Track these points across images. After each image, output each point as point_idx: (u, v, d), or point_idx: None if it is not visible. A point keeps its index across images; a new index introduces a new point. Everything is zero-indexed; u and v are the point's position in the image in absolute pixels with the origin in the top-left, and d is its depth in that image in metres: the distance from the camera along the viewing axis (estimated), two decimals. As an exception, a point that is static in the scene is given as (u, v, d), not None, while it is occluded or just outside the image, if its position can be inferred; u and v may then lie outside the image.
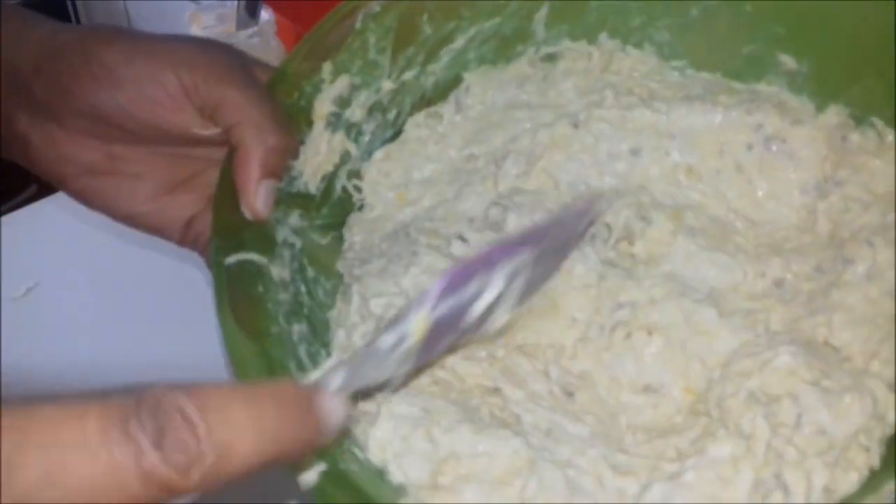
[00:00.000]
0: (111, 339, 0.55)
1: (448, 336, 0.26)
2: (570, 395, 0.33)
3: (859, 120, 0.35)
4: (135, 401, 0.17)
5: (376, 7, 0.38)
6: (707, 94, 0.38)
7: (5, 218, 0.65)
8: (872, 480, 0.28)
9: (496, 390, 0.33)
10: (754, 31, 0.38)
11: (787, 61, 0.37)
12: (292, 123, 0.36)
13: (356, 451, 0.30)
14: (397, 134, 0.41)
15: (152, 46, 0.34)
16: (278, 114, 0.35)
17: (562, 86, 0.40)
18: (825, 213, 0.35)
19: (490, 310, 0.26)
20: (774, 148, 0.37)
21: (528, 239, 0.27)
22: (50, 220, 0.64)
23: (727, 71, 0.39)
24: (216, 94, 0.34)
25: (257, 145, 0.34)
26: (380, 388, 0.27)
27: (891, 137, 0.34)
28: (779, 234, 0.36)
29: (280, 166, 0.35)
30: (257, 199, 0.34)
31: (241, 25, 0.61)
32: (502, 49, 0.41)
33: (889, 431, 0.29)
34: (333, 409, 0.21)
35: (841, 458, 0.28)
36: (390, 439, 0.31)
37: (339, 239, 0.40)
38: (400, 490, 0.29)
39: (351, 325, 0.35)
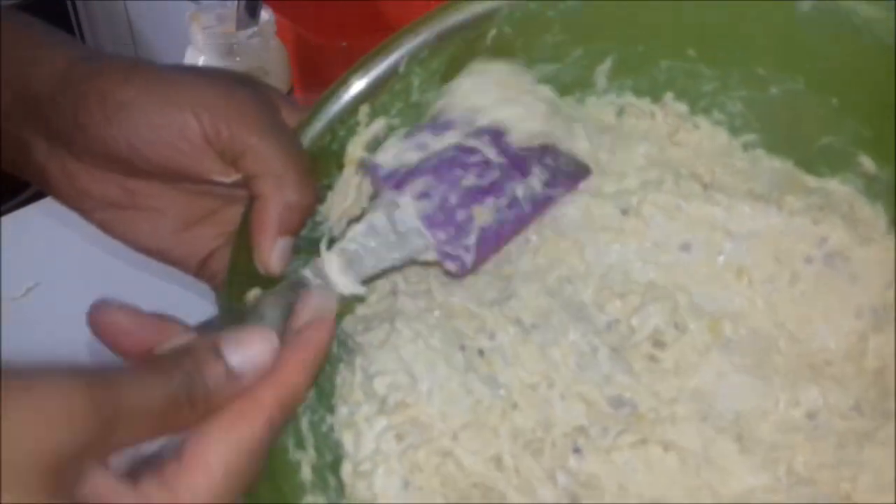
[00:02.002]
0: None
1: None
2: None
3: (934, 251, 0.33)
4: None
5: (424, 52, 0.35)
6: (774, 190, 0.36)
7: (5, 218, 0.66)
8: None
9: (499, 495, 0.32)
10: (837, 124, 0.35)
11: (868, 164, 0.35)
12: (318, 173, 0.35)
13: None
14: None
15: (173, 85, 0.33)
16: (302, 167, 0.33)
17: (633, 149, 0.37)
18: (876, 348, 0.33)
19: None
20: (836, 265, 0.34)
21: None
22: (50, 220, 0.65)
23: (801, 159, 0.37)
24: (239, 142, 0.33)
25: (277, 201, 0.33)
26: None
27: (966, 283, 0.31)
28: (821, 356, 0.34)
29: (299, 224, 0.34)
30: (271, 256, 0.33)
31: (241, 25, 0.60)
32: (561, 94, 0.39)
33: None
34: (251, 350, 0.26)
35: None
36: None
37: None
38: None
39: (354, 403, 0.34)
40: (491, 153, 0.35)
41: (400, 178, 0.34)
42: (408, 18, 0.73)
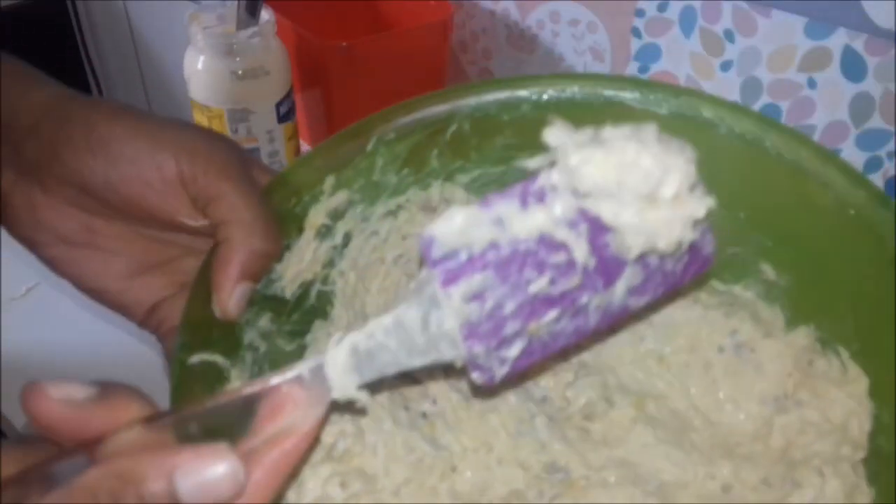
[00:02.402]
0: (111, 339, 0.56)
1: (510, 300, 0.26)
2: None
3: (826, 344, 0.38)
4: None
5: (391, 135, 0.39)
6: (689, 288, 0.40)
7: None
8: None
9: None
10: (743, 236, 0.40)
11: (768, 271, 0.40)
12: (282, 229, 0.36)
13: None
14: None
15: (158, 128, 0.35)
16: (269, 219, 0.35)
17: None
18: (780, 429, 0.37)
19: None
20: (744, 355, 0.38)
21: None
22: None
23: (708, 267, 0.41)
24: (213, 188, 0.34)
25: (243, 247, 0.34)
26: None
27: (854, 371, 0.36)
28: (733, 438, 0.38)
29: (261, 272, 0.35)
30: (231, 299, 0.34)
31: (241, 25, 0.61)
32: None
33: None
34: (207, 473, 0.23)
35: None
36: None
37: (304, 347, 0.40)
38: None
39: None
40: (581, 252, 0.27)
41: (454, 271, 0.27)
42: (407, 18, 0.73)
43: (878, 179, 0.57)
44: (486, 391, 0.37)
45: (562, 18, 0.70)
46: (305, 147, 0.71)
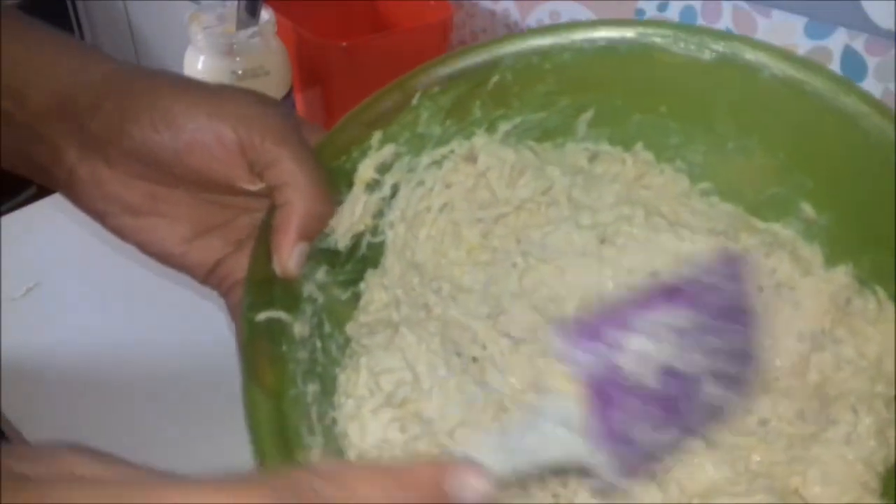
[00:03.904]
0: (111, 339, 0.56)
1: (628, 403, 0.28)
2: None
3: (864, 283, 0.39)
4: (282, 484, 0.21)
5: (436, 88, 0.40)
6: (730, 229, 0.41)
7: (5, 218, 0.66)
8: None
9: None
10: (783, 175, 0.41)
11: (808, 210, 0.41)
12: (333, 186, 0.38)
13: None
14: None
15: (216, 99, 0.36)
16: (323, 182, 0.37)
17: (605, 188, 0.42)
18: (817, 365, 0.38)
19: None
20: (783, 294, 0.40)
21: (657, 297, 0.31)
22: (50, 220, 0.66)
23: (749, 205, 0.43)
24: (271, 154, 0.36)
25: (300, 209, 0.36)
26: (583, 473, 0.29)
27: (890, 310, 0.37)
28: (771, 373, 0.39)
29: (316, 232, 0.37)
30: (290, 259, 0.36)
31: (241, 25, 0.60)
32: (542, 139, 0.44)
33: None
34: (470, 484, 0.24)
35: None
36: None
37: (357, 295, 0.42)
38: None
39: (360, 398, 0.37)
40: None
41: None
42: (407, 18, 0.73)
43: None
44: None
45: (562, 18, 0.70)
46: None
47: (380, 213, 0.42)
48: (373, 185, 0.41)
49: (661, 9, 0.63)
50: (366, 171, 0.40)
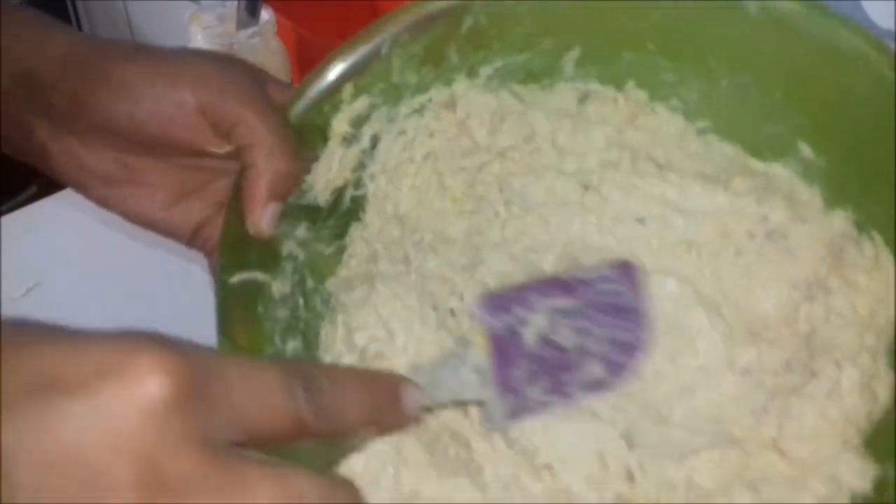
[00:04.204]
0: None
1: (522, 365, 0.35)
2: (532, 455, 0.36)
3: (861, 228, 0.37)
4: (293, 370, 0.24)
5: (405, 36, 0.39)
6: (722, 172, 0.39)
7: (5, 218, 0.66)
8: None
9: (464, 439, 0.36)
10: (780, 114, 0.39)
11: (806, 151, 0.38)
12: (305, 143, 0.38)
13: None
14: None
15: (172, 64, 0.36)
16: (290, 139, 0.37)
17: (593, 132, 0.41)
18: (807, 315, 0.37)
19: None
20: (776, 241, 0.38)
21: (557, 286, 0.36)
22: (50, 220, 0.66)
23: (747, 144, 0.40)
24: (233, 114, 0.36)
25: (267, 169, 0.36)
26: (485, 412, 0.35)
27: (885, 258, 0.35)
28: (760, 322, 0.38)
29: (287, 190, 0.37)
30: (262, 220, 0.37)
31: (241, 25, 0.61)
32: (528, 81, 0.42)
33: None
34: (418, 401, 0.29)
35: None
36: (361, 472, 0.34)
37: (343, 249, 0.42)
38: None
39: (337, 353, 0.38)
40: None
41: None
42: None
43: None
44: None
45: None
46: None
47: (361, 166, 0.41)
48: (349, 139, 0.40)
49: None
50: (339, 124, 0.40)
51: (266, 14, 0.63)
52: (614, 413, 0.36)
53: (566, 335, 0.36)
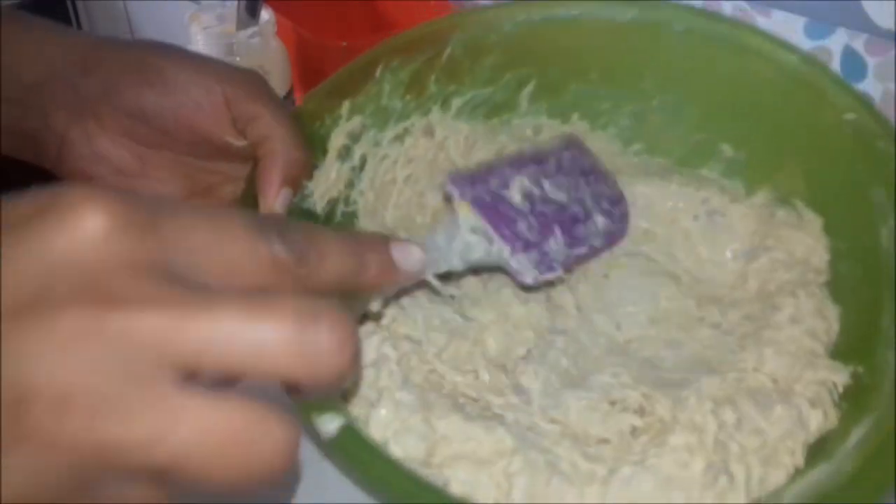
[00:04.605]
0: None
1: (515, 215, 0.37)
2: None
3: (782, 200, 0.44)
4: (265, 218, 0.24)
5: (395, 62, 0.45)
6: (663, 171, 0.47)
7: None
8: (796, 477, 0.35)
9: (480, 397, 0.38)
10: (704, 124, 0.47)
11: (727, 150, 0.47)
12: (310, 149, 0.42)
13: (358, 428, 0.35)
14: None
15: (200, 61, 0.40)
16: (300, 133, 0.41)
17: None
18: (755, 273, 0.43)
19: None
20: (716, 220, 0.45)
21: (526, 159, 0.40)
22: None
23: (677, 157, 0.48)
24: (252, 109, 0.40)
25: (283, 156, 0.40)
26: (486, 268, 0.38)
27: (809, 215, 0.43)
28: (717, 290, 0.44)
29: (299, 179, 0.41)
30: (276, 202, 0.39)
31: (241, 25, 0.61)
32: (491, 114, 0.49)
33: (810, 439, 0.36)
34: (410, 255, 0.30)
35: (772, 456, 0.35)
36: (391, 420, 0.35)
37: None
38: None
39: (353, 325, 0.39)
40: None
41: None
42: (407, 18, 0.72)
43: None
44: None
45: None
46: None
47: (351, 184, 0.46)
48: (344, 154, 0.45)
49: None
50: (338, 138, 0.44)
51: (266, 14, 0.62)
52: (616, 370, 0.40)
53: (554, 192, 0.39)
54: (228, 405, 0.20)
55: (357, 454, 0.31)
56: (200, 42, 0.62)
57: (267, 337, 0.21)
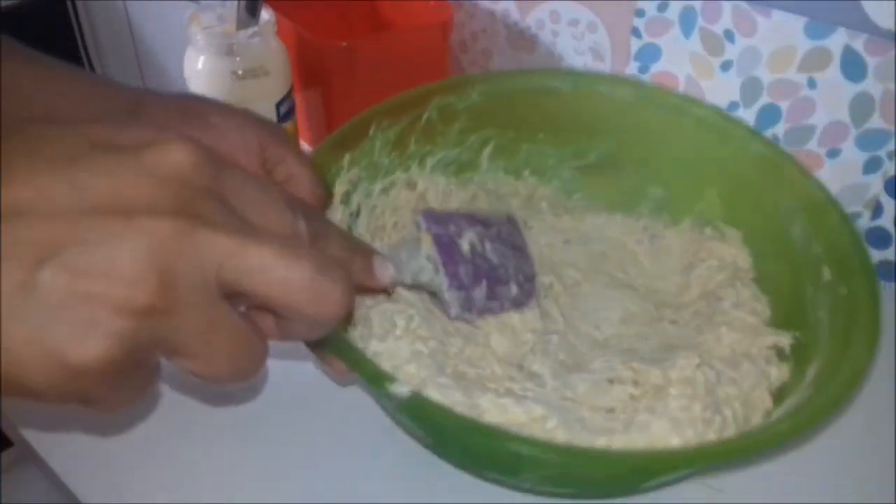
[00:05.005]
0: None
1: (460, 260, 0.44)
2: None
3: (706, 223, 0.55)
4: (297, 200, 0.32)
5: (385, 122, 0.52)
6: (608, 207, 0.56)
7: None
8: (769, 418, 0.43)
9: (500, 388, 0.44)
10: (633, 171, 0.57)
11: (656, 192, 0.57)
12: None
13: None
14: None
15: (235, 110, 0.46)
16: (320, 175, 0.47)
17: (511, 201, 0.56)
18: (696, 280, 0.53)
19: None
20: (657, 243, 0.55)
21: (477, 219, 0.47)
22: None
23: (611, 203, 0.58)
24: (280, 152, 0.46)
25: (307, 192, 0.45)
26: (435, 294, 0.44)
27: (730, 231, 0.53)
28: (668, 298, 0.53)
29: (319, 210, 0.46)
30: None
31: (241, 25, 0.61)
32: (458, 171, 0.57)
33: (773, 386, 0.44)
34: (386, 270, 0.38)
35: (749, 401, 0.43)
36: (439, 399, 0.41)
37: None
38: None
39: (382, 333, 0.44)
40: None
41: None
42: (407, 18, 0.75)
43: (877, 180, 0.57)
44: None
45: (562, 18, 0.70)
46: (305, 147, 0.72)
47: (350, 227, 0.52)
48: (345, 200, 0.51)
49: (661, 9, 0.63)
50: (341, 185, 0.50)
51: (266, 14, 0.62)
52: (606, 358, 0.47)
53: (491, 253, 0.46)
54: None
55: (429, 409, 0.37)
56: (200, 42, 0.61)
57: (294, 276, 0.28)
